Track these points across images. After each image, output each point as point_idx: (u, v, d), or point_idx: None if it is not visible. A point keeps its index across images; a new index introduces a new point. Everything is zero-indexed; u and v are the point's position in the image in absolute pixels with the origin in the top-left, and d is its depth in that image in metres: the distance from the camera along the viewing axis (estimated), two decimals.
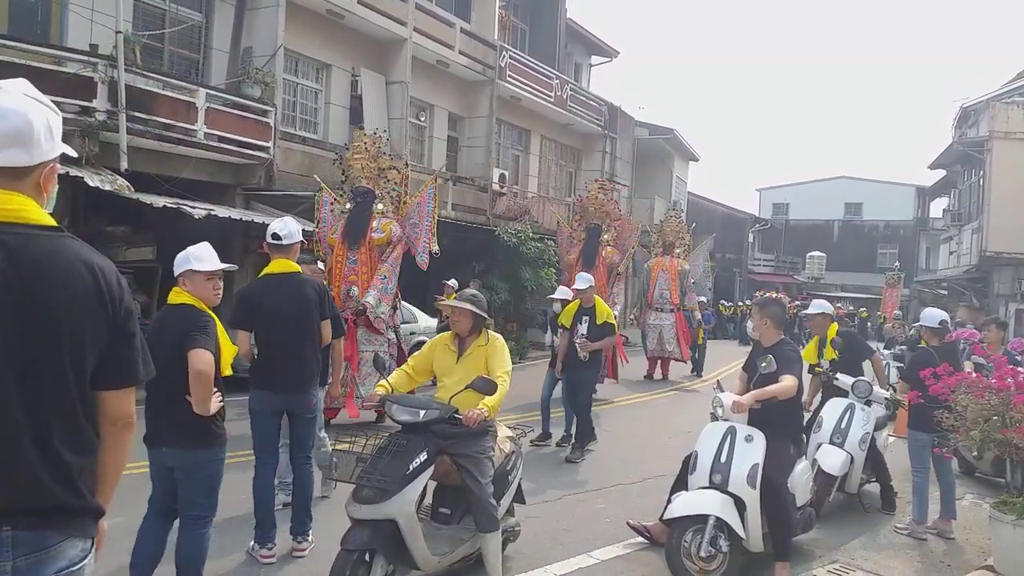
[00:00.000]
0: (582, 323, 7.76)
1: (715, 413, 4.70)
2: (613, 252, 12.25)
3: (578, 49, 25.89)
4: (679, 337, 14.82)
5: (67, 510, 1.71)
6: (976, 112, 25.02)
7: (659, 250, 16.30)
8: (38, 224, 1.68)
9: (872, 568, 4.89)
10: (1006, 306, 21.50)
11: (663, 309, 15.04)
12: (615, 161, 25.49)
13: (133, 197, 9.45)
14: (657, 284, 15.42)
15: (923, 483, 5.61)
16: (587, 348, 7.63)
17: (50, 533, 1.68)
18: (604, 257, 12.06)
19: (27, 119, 1.69)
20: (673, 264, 15.51)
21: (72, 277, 1.69)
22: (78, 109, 9.47)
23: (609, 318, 7.79)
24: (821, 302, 6.95)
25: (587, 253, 11.95)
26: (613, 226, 12.61)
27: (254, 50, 12.78)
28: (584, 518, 5.64)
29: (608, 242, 12.25)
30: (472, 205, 17.89)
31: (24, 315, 1.62)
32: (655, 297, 15.28)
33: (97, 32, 10.31)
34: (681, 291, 15.30)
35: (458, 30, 17.47)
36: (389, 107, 16.06)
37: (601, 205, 12.59)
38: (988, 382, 4.91)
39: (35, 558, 1.66)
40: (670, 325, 14.82)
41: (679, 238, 16.24)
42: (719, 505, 4.32)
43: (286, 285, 4.57)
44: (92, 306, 1.72)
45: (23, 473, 1.64)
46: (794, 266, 43.37)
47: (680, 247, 16.10)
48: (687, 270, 15.66)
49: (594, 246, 12.02)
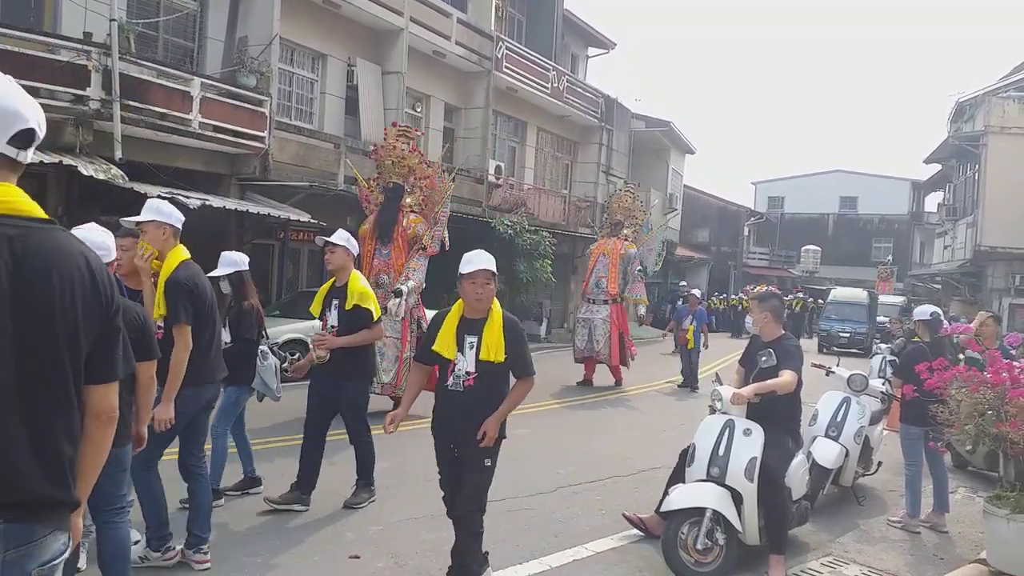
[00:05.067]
0: (331, 309, 5.33)
1: (714, 406, 4.70)
2: (417, 221, 9.08)
3: (575, 40, 25.81)
4: (612, 335, 12.44)
5: (55, 503, 1.71)
6: (972, 107, 25.06)
7: (605, 231, 13.85)
8: (32, 216, 1.69)
9: (865, 561, 4.91)
10: (1000, 300, 21.61)
11: (596, 300, 12.73)
12: (611, 153, 25.46)
13: (127, 186, 9.39)
14: (594, 271, 12.94)
15: (916, 476, 5.64)
16: (324, 344, 5.16)
17: (38, 526, 1.68)
18: (404, 228, 8.98)
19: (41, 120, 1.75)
20: (616, 247, 12.96)
21: (71, 270, 1.71)
22: (72, 97, 9.40)
23: (363, 300, 5.23)
24: None
25: (382, 222, 9.02)
26: (419, 186, 9.41)
27: (249, 39, 12.70)
28: (579, 510, 5.64)
29: (411, 207, 9.16)
30: (468, 197, 17.84)
31: (25, 306, 1.63)
32: (590, 286, 12.93)
33: (91, 20, 10.22)
34: (623, 279, 12.88)
35: (455, 20, 17.39)
36: (385, 97, 15.99)
37: (401, 157, 9.24)
38: (983, 376, 4.93)
39: (23, 551, 1.65)
40: (602, 320, 12.49)
41: (629, 217, 13.71)
42: (716, 498, 4.33)
43: None
44: (89, 298, 1.74)
45: (19, 465, 1.63)
46: (789, 260, 43.48)
47: (630, 227, 13.61)
48: (632, 254, 13.07)
49: (392, 213, 9.01)
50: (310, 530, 4.81)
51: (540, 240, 17.40)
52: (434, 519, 5.14)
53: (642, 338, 22.19)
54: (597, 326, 12.42)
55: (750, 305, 5.03)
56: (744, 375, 4.96)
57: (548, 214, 20.95)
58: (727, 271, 37.60)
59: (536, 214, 19.65)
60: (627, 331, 12.96)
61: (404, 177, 9.14)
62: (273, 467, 5.81)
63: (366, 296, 5.21)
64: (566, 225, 21.61)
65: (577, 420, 9.54)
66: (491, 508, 5.44)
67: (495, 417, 3.74)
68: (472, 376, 3.76)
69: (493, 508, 5.44)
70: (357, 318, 5.18)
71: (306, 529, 4.83)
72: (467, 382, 3.77)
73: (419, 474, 6.30)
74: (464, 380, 3.77)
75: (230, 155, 12.00)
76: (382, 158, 9.29)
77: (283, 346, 10.97)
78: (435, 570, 4.25)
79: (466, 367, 3.77)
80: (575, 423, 9.34)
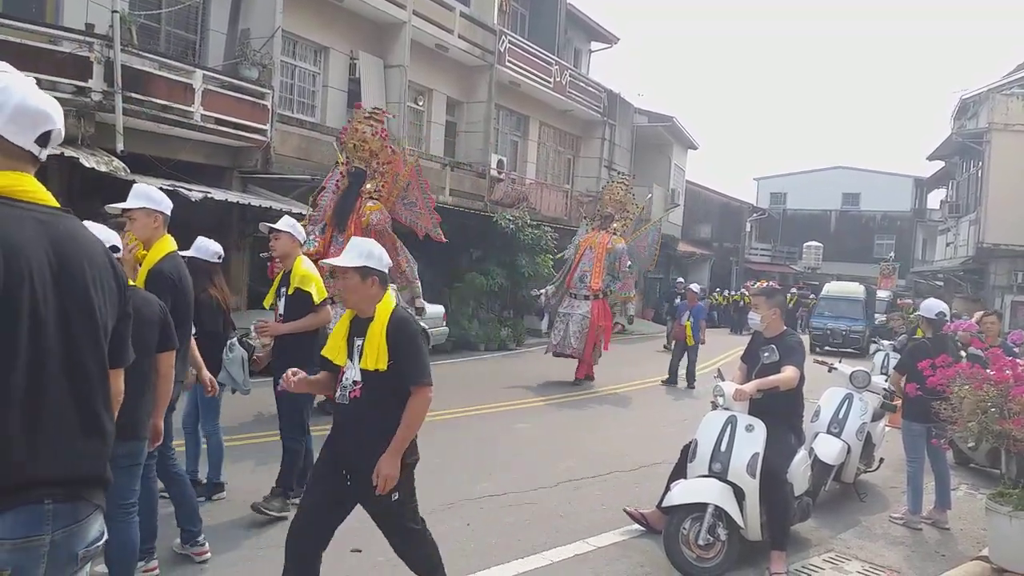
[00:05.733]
0: (281, 298, 5.10)
1: (716, 402, 4.69)
2: (375, 208, 8.33)
3: (578, 35, 25.73)
4: (589, 334, 11.77)
5: (99, 480, 1.75)
6: (975, 104, 24.97)
7: (596, 223, 13.07)
8: (52, 205, 1.76)
9: (867, 557, 4.91)
10: (1002, 298, 21.56)
11: (577, 295, 12.12)
12: (614, 148, 25.42)
13: (129, 179, 9.37)
14: (580, 264, 12.33)
15: (917, 473, 5.64)
16: (266, 331, 5.00)
17: (82, 504, 1.70)
18: (360, 215, 8.28)
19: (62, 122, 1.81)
20: (603, 241, 12.27)
21: (96, 256, 1.79)
22: (74, 89, 9.38)
23: (303, 283, 4.91)
24: None
25: (340, 208, 8.41)
26: (380, 171, 8.67)
27: (252, 32, 12.67)
28: (580, 505, 5.64)
29: (371, 193, 8.47)
30: (470, 191, 17.84)
31: (68, 288, 1.70)
32: (574, 280, 12.28)
33: (93, 11, 10.19)
34: (609, 275, 12.18)
35: (457, 14, 17.34)
36: (387, 91, 15.95)
37: (363, 140, 8.53)
38: (987, 373, 4.92)
39: (70, 531, 1.67)
40: (581, 316, 11.83)
41: (621, 210, 12.87)
42: (718, 494, 4.33)
43: None
44: (111, 283, 1.82)
45: (73, 442, 1.67)
46: (791, 256, 43.41)
47: (620, 221, 12.81)
48: (620, 249, 12.23)
49: (351, 199, 8.39)
50: None
51: (542, 235, 17.38)
52: (436, 513, 5.15)
53: (643, 333, 22.28)
54: (575, 321, 11.83)
55: (756, 301, 4.98)
56: (746, 371, 4.95)
57: (550, 209, 20.93)
58: (729, 267, 37.57)
59: (538, 209, 19.62)
60: (609, 328, 12.38)
61: (366, 161, 8.58)
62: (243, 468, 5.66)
63: (307, 279, 4.94)
64: (568, 220, 21.57)
65: (577, 415, 9.54)
66: (493, 503, 5.49)
67: (388, 455, 3.05)
68: (358, 386, 3.14)
69: (495, 503, 5.48)
70: (299, 303, 4.93)
71: None
72: (352, 393, 3.15)
73: (420, 468, 6.30)
74: (350, 391, 3.15)
75: (232, 148, 11.97)
76: (344, 142, 8.80)
77: None
78: None
79: (353, 376, 3.16)
80: (575, 418, 9.34)
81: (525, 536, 4.84)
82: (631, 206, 13.13)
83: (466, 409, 9.24)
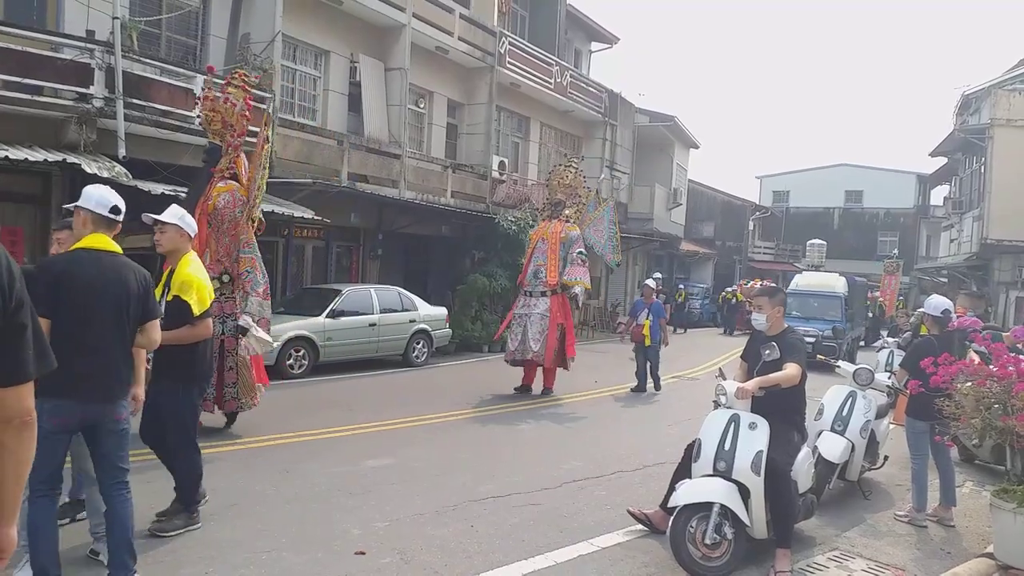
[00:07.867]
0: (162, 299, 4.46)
1: (718, 400, 4.69)
2: (225, 189, 7.19)
3: (578, 35, 25.74)
4: (549, 334, 10.55)
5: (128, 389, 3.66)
6: (977, 99, 24.95)
7: (545, 214, 11.76)
8: (114, 251, 3.58)
9: (872, 555, 4.90)
10: (1007, 293, 21.51)
11: (533, 293, 10.84)
12: (615, 148, 25.41)
13: (131, 184, 9.41)
14: (533, 259, 11.03)
15: (922, 470, 5.62)
16: None
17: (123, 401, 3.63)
18: (208, 196, 7.18)
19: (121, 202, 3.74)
20: (556, 230, 10.99)
21: (128, 280, 3.58)
22: (75, 96, 9.42)
23: (182, 290, 4.40)
24: None
25: (193, 193, 7.41)
26: (235, 143, 7.40)
27: (252, 36, 12.71)
28: (584, 505, 5.64)
29: (223, 172, 7.34)
30: (472, 193, 17.84)
31: (110, 298, 3.49)
32: (528, 276, 11.00)
33: (94, 18, 10.23)
34: (564, 266, 10.82)
35: (457, 16, 17.35)
36: (388, 94, 15.98)
37: (213, 109, 7.29)
38: (990, 370, 4.91)
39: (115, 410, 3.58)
40: (539, 315, 10.60)
41: (572, 195, 11.59)
42: (723, 493, 4.33)
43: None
44: (138, 293, 3.61)
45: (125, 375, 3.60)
46: (794, 254, 43.29)
47: (573, 207, 11.60)
48: (574, 236, 10.93)
49: (203, 182, 7.34)
50: (316, 526, 4.82)
51: None
52: (439, 515, 5.15)
53: None
54: (534, 321, 10.57)
55: (759, 302, 4.96)
56: (747, 369, 4.94)
57: None
58: (732, 266, 37.53)
59: (540, 209, 19.60)
60: (571, 327, 11.10)
61: (220, 135, 7.29)
62: None
63: (186, 285, 4.36)
64: None
65: (579, 416, 9.53)
66: (496, 503, 5.49)
67: None
68: None
69: (498, 504, 5.48)
70: (176, 311, 4.35)
71: (312, 525, 4.83)
72: None
73: (425, 470, 6.32)
74: None
75: None
76: (201, 113, 7.59)
77: (287, 344, 11.01)
78: (440, 566, 4.26)
79: None
80: (578, 419, 9.33)
81: (529, 537, 4.84)
82: (582, 190, 12.00)
83: (469, 411, 9.25)
